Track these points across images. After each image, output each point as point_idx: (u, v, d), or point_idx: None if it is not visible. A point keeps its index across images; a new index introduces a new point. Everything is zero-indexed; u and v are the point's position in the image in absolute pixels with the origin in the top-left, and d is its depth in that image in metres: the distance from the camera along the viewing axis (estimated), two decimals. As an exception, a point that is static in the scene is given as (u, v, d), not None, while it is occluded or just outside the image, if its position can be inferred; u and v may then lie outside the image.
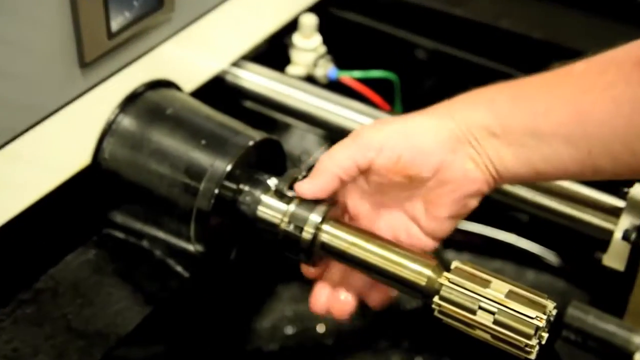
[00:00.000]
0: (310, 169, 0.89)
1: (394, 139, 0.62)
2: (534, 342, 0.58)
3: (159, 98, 0.75)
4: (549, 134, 0.59)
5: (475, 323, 0.60)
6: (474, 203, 0.65)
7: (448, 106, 0.64)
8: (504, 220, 1.06)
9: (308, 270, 0.70)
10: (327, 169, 0.64)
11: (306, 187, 0.65)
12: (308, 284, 0.99)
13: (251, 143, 0.70)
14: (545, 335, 0.59)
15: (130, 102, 0.73)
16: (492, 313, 0.59)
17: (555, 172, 0.61)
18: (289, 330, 1.01)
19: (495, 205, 0.85)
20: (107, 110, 0.73)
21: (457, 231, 1.11)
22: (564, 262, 1.03)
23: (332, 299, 0.68)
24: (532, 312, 0.58)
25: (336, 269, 0.69)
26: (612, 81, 0.57)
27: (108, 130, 0.72)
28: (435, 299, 0.61)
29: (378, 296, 0.69)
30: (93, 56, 0.68)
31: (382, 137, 0.62)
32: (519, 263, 1.05)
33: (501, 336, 0.59)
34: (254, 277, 1.02)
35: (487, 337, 0.60)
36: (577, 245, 0.98)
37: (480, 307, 0.59)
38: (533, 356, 0.58)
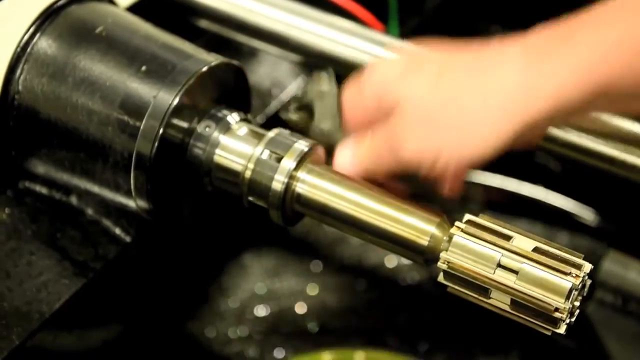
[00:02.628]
0: (283, 105, 0.89)
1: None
2: (566, 305, 0.57)
3: (86, 13, 0.74)
4: None
5: (492, 282, 0.59)
6: None
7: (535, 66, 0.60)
8: (530, 170, 1.06)
9: None
10: None
11: None
12: (284, 253, 0.98)
13: (205, 69, 0.70)
14: (578, 305, 0.59)
15: (49, 18, 0.73)
16: (515, 272, 0.59)
17: None
18: (261, 311, 1.01)
19: (518, 151, 0.84)
20: (20, 29, 0.72)
21: (472, 185, 1.10)
22: (604, 221, 1.04)
23: None
24: (565, 268, 0.58)
25: None
26: None
27: (22, 55, 0.72)
28: (443, 254, 0.61)
29: None
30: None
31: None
32: (549, 223, 1.06)
33: (524, 301, 0.58)
34: (215, 243, 1.02)
35: (506, 304, 0.60)
36: (620, 200, 0.99)
37: (500, 265, 0.59)
38: (562, 329, 0.58)
